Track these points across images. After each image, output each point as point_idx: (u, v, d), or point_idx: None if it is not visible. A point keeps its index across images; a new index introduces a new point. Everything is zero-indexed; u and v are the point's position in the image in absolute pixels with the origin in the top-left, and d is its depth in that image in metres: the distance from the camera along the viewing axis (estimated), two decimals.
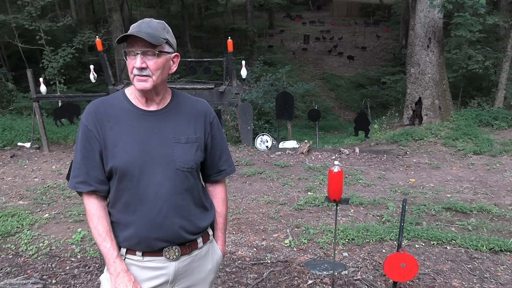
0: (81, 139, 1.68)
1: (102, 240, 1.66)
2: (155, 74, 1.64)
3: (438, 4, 9.06)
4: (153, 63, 1.63)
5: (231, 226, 4.71)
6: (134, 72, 1.63)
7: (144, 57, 1.61)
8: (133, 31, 1.61)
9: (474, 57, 11.69)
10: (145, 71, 1.62)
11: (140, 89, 1.65)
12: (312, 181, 6.54)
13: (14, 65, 17.35)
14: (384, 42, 28.99)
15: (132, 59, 1.63)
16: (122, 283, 1.63)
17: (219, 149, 1.88)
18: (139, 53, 1.61)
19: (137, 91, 1.70)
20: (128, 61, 1.64)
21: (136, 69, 1.62)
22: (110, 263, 1.65)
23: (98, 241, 1.67)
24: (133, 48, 1.61)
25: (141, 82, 1.63)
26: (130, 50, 1.62)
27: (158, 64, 1.64)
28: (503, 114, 9.93)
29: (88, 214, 1.70)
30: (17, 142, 9.20)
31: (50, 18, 15.15)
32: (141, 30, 1.61)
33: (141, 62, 1.61)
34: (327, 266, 3.75)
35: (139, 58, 1.61)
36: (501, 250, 4.01)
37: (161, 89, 1.72)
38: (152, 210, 1.66)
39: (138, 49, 1.61)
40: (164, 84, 1.73)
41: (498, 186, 6.28)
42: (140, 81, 1.63)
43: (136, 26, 1.64)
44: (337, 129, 16.41)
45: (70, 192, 6.03)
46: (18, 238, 4.50)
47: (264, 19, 33.62)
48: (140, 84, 1.64)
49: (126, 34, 1.60)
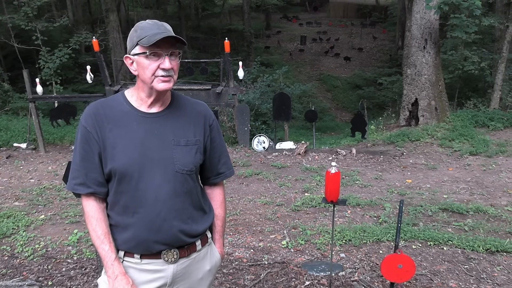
0: (80, 140, 1.67)
1: (101, 242, 1.65)
2: (176, 74, 1.68)
3: (434, 6, 9.10)
4: (176, 64, 1.67)
5: (228, 227, 4.70)
6: (158, 73, 1.62)
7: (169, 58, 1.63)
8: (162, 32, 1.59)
9: (470, 58, 11.74)
10: (171, 71, 1.64)
11: (163, 90, 1.65)
12: (309, 182, 6.54)
13: (10, 66, 17.27)
14: (381, 43, 29.08)
15: (154, 61, 1.62)
16: (120, 286, 1.63)
17: (218, 152, 1.88)
18: (167, 54, 1.62)
19: (146, 92, 1.69)
20: (148, 62, 1.62)
21: (162, 70, 1.62)
22: (108, 266, 1.64)
23: (96, 243, 1.66)
24: (160, 49, 1.61)
25: (165, 83, 1.64)
26: (156, 52, 1.61)
27: (179, 64, 1.69)
28: (499, 115, 9.97)
29: (87, 216, 1.69)
30: (13, 142, 9.16)
31: (46, 18, 15.10)
32: (165, 31, 1.62)
33: (170, 63, 1.62)
34: (324, 267, 3.75)
35: (167, 59, 1.62)
36: (498, 251, 4.02)
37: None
38: (151, 212, 1.65)
39: (166, 51, 1.62)
40: None
41: (494, 187, 6.30)
42: (164, 81, 1.64)
43: (155, 28, 1.62)
44: (334, 130, 16.44)
45: (66, 193, 6.01)
46: (13, 239, 4.48)
47: (261, 20, 33.63)
48: (165, 85, 1.64)
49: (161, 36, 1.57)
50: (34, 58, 15.42)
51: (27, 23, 13.70)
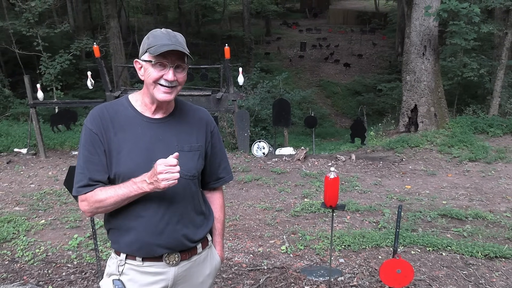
0: (84, 142, 1.67)
1: (124, 186, 1.60)
2: (180, 86, 1.69)
3: (433, 13, 9.15)
4: (182, 77, 1.68)
5: (227, 233, 4.72)
6: (161, 83, 1.64)
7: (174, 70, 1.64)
8: (169, 44, 1.60)
9: (469, 65, 11.79)
10: (174, 83, 1.65)
11: (163, 100, 1.67)
12: (309, 188, 6.56)
13: (11, 71, 17.34)
14: (380, 50, 29.18)
15: (159, 70, 1.63)
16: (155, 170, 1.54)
17: (219, 157, 1.92)
18: (172, 66, 1.63)
19: (149, 99, 1.71)
20: (153, 70, 1.64)
21: (165, 81, 1.64)
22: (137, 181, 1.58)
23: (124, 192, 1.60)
24: (166, 60, 1.62)
25: (166, 94, 1.65)
26: (162, 62, 1.62)
27: (185, 77, 1.69)
28: (498, 121, 9.99)
29: (102, 199, 1.62)
30: (14, 148, 9.18)
31: (47, 24, 15.15)
32: (175, 43, 1.62)
33: (174, 75, 1.64)
34: (324, 272, 3.76)
35: (171, 71, 1.63)
36: (496, 257, 4.03)
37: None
38: (154, 216, 1.68)
39: (172, 63, 1.63)
40: None
41: (493, 193, 6.32)
42: (166, 92, 1.65)
43: (166, 38, 1.62)
44: (333, 136, 16.46)
45: (67, 199, 6.02)
46: (14, 244, 4.49)
47: (261, 27, 33.77)
48: (165, 96, 1.66)
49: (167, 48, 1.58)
50: (35, 64, 15.47)
51: (28, 29, 13.76)
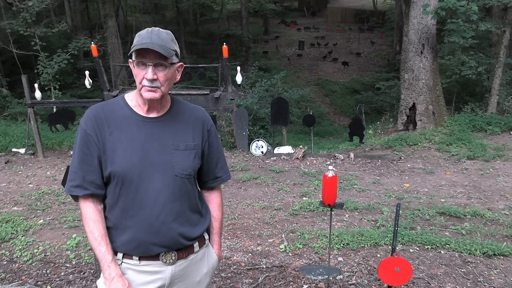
0: (79, 143, 1.69)
1: (98, 244, 1.66)
2: (164, 85, 1.66)
3: (431, 11, 9.16)
4: (163, 75, 1.65)
5: (226, 232, 4.72)
6: (143, 83, 1.64)
7: (155, 69, 1.63)
8: (145, 43, 1.59)
9: (467, 63, 11.79)
10: (155, 82, 1.64)
11: (149, 98, 1.66)
12: (307, 187, 6.56)
13: (9, 71, 17.29)
14: (378, 48, 29.20)
15: (141, 70, 1.63)
16: (116, 287, 1.64)
17: (216, 156, 1.91)
18: (151, 64, 1.62)
19: (141, 99, 1.71)
20: (137, 71, 1.64)
21: (146, 80, 1.63)
22: (105, 268, 1.66)
23: (93, 245, 1.67)
24: (145, 59, 1.62)
25: (150, 93, 1.65)
26: (140, 61, 1.63)
27: (167, 76, 1.66)
28: (496, 119, 10.01)
29: (84, 218, 1.70)
30: (12, 148, 9.16)
31: (45, 24, 15.12)
32: (153, 41, 1.60)
33: (153, 74, 1.62)
34: (322, 270, 3.76)
35: (150, 70, 1.62)
36: (495, 254, 4.04)
37: (164, 98, 1.74)
38: (150, 215, 1.67)
39: (150, 61, 1.62)
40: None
41: (492, 191, 6.33)
42: (149, 91, 1.65)
43: (146, 37, 1.62)
44: (332, 134, 16.47)
45: (65, 198, 6.01)
46: (12, 244, 4.48)
47: (259, 25, 33.75)
48: (150, 94, 1.65)
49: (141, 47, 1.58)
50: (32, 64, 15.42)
51: (26, 29, 13.72)
